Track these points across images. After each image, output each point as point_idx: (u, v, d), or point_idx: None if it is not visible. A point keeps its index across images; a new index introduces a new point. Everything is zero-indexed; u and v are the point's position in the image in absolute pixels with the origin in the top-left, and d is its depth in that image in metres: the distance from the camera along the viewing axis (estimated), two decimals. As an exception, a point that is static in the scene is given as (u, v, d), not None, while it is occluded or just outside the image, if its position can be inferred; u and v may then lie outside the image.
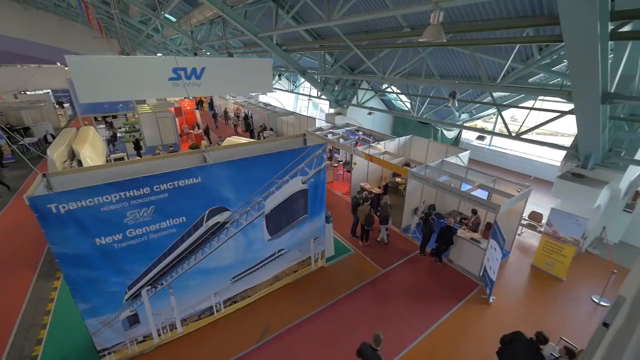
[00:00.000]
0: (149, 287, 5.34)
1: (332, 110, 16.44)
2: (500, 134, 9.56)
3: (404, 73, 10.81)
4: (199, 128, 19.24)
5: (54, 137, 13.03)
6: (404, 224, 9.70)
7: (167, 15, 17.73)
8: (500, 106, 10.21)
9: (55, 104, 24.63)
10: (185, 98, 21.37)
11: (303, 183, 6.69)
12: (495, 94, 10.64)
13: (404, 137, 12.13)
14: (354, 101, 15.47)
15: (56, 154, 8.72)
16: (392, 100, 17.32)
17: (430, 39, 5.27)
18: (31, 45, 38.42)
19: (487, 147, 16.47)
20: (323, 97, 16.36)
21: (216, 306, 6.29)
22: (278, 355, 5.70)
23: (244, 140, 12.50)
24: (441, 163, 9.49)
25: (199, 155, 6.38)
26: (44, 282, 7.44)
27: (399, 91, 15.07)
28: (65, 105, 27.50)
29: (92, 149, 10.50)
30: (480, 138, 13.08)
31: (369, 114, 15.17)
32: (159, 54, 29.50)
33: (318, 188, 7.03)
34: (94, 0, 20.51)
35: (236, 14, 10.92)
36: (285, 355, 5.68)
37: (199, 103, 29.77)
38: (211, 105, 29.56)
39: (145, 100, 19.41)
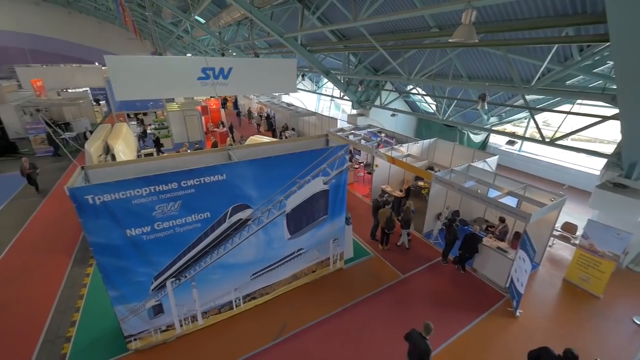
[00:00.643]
0: (174, 278, 5.54)
1: (354, 111, 16.34)
2: (532, 139, 9.08)
3: (430, 74, 10.53)
4: (223, 126, 19.77)
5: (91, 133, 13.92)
6: (425, 229, 9.44)
7: (197, 17, 18.39)
8: (534, 110, 9.69)
9: (92, 101, 26.19)
10: (211, 97, 22.05)
11: (324, 184, 6.69)
12: (528, 97, 10.11)
13: (428, 140, 11.82)
14: (377, 102, 15.28)
15: (93, 148, 9.27)
16: (417, 102, 16.95)
17: (461, 40, 5.10)
18: (74, 46, 41.24)
19: (517, 152, 15.71)
20: (346, 97, 16.29)
21: (236, 301, 6.42)
22: (294, 353, 5.71)
23: (266, 139, 12.69)
24: (467, 168, 9.15)
25: (224, 153, 6.55)
26: (78, 268, 7.93)
27: (424, 93, 14.72)
28: (102, 102, 29.17)
29: (124, 144, 11.07)
30: (510, 143, 12.47)
31: (392, 115, 14.91)
32: (188, 54, 30.61)
33: (339, 189, 7.00)
34: (131, 4, 21.68)
35: (263, 15, 11.13)
36: (301, 355, 5.69)
37: (224, 102, 30.60)
38: (235, 104, 30.31)
39: (174, 99, 20.23)
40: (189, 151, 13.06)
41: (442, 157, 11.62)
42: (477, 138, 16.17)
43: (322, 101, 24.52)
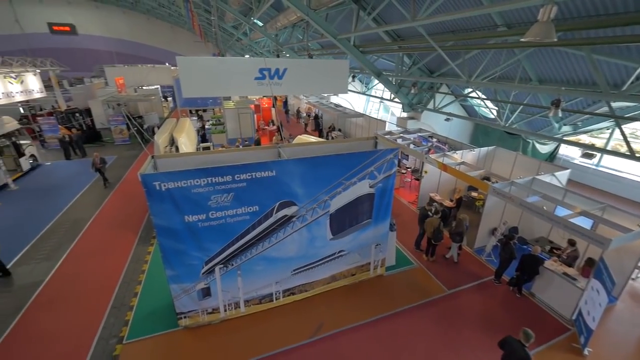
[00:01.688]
0: (222, 265, 5.90)
1: (404, 114, 15.78)
2: (616, 153, 7.84)
3: (494, 77, 9.71)
4: (273, 124, 20.58)
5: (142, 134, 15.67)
6: (477, 244, 8.73)
7: (255, 20, 19.43)
8: (621, 119, 8.36)
9: (161, 98, 29.20)
10: (264, 96, 23.11)
11: (370, 187, 6.56)
12: (615, 104, 8.75)
13: (485, 148, 10.92)
14: (430, 106, 14.55)
15: (161, 139, 10.33)
16: (475, 107, 15.77)
17: (536, 39, 4.59)
18: (149, 48, 46.66)
19: (595, 167, 13.72)
20: (396, 100, 15.82)
21: (276, 294, 6.62)
22: (329, 354, 5.70)
23: (312, 139, 12.89)
24: (531, 181, 8.24)
25: (274, 150, 6.79)
26: (142, 245, 8.90)
27: (484, 97, 13.62)
28: (169, 99, 32.38)
29: (187, 138, 12.13)
30: (587, 156, 10.87)
31: (446, 120, 14.08)
32: (246, 56, 32.48)
33: (385, 194, 6.81)
34: (199, 9, 23.74)
35: (318, 16, 11.30)
36: (335, 357, 5.65)
37: (274, 101, 31.82)
38: (285, 103, 31.34)
39: (230, 98, 21.63)
40: (241, 147, 13.83)
41: (501, 167, 10.64)
42: (545, 148, 14.47)
43: (371, 103, 24.15)
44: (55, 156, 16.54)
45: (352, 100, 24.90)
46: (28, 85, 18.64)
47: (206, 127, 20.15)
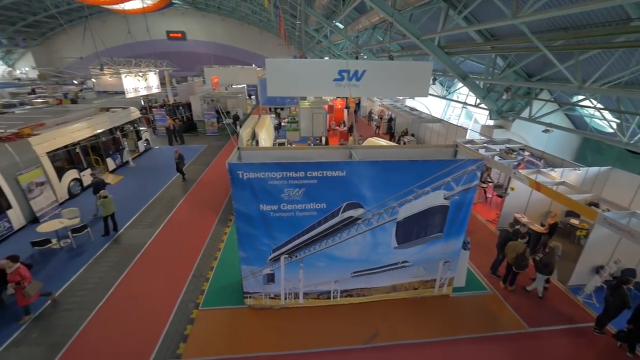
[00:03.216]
0: (287, 255, 6.24)
1: (490, 122, 14.17)
2: None
3: (618, 82, 7.96)
4: (344, 125, 20.81)
5: (241, 124, 17.39)
6: (573, 281, 7.32)
7: (337, 23, 19.89)
8: None
9: (246, 96, 32.31)
10: (337, 97, 23.54)
11: (445, 198, 6.09)
12: None
13: (596, 168, 9.06)
14: (524, 114, 12.73)
15: (244, 133, 11.45)
16: (586, 117, 13.20)
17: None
18: (240, 51, 52.26)
19: None
20: (482, 106, 14.30)
21: (334, 293, 6.70)
22: (381, 366, 5.52)
23: (383, 142, 12.59)
24: (663, 214, 6.51)
25: (346, 151, 6.86)
26: (220, 226, 10.02)
27: (601, 106, 11.29)
28: (252, 97, 35.61)
29: (266, 133, 13.19)
30: None
31: (545, 131, 12.10)
32: (325, 57, 33.57)
33: (462, 208, 6.24)
34: (285, 14, 25.46)
35: (402, 17, 10.94)
36: (388, 370, 5.45)
37: (347, 102, 32.10)
38: (358, 105, 31.32)
39: (306, 97, 22.65)
40: (312, 145, 14.37)
41: (617, 192, 8.66)
42: (686, 175, 11.27)
43: (451, 108, 22.37)
44: (161, 142, 19.81)
45: (429, 104, 23.50)
46: (149, 82, 22.73)
47: (282, 124, 21.52)
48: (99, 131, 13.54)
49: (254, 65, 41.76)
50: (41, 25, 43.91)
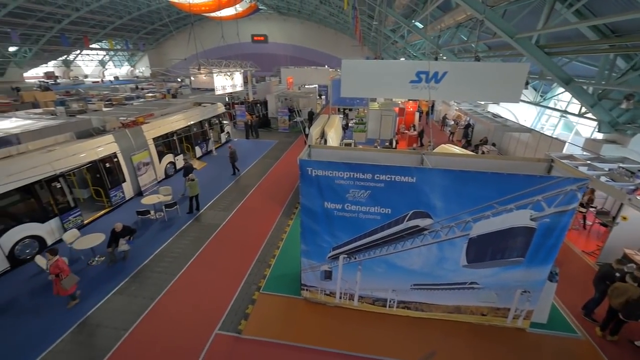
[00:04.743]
0: (346, 255, 6.27)
1: (598, 135, 11.82)
2: None
3: None
4: (414, 130, 19.87)
5: (311, 123, 18.05)
6: None
7: (416, 23, 19.00)
8: None
9: (317, 96, 33.39)
10: (410, 100, 22.57)
11: (532, 219, 5.32)
12: None
13: None
14: (651, 128, 10.28)
15: (314, 131, 11.87)
16: None
17: None
18: (314, 52, 54.29)
19: None
20: (588, 115, 12.02)
21: (390, 302, 6.48)
22: (436, 389, 5.14)
23: (457, 149, 11.60)
24: None
25: (417, 156, 6.54)
26: (284, 217, 10.61)
27: None
28: (322, 96, 36.62)
29: (334, 133, 13.45)
30: None
31: (679, 150, 9.61)
32: (402, 59, 32.53)
33: (552, 233, 5.37)
34: (362, 15, 25.41)
35: (495, 14, 9.88)
36: (443, 396, 5.04)
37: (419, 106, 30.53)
38: (431, 109, 29.51)
39: (376, 99, 22.30)
40: (379, 147, 14.10)
41: None
42: None
43: (545, 116, 19.37)
44: (239, 135, 21.85)
45: (517, 110, 20.82)
46: (235, 81, 25.29)
47: (350, 125, 21.61)
48: (192, 122, 15.65)
49: (326, 66, 42.87)
50: (156, 32, 53.45)
